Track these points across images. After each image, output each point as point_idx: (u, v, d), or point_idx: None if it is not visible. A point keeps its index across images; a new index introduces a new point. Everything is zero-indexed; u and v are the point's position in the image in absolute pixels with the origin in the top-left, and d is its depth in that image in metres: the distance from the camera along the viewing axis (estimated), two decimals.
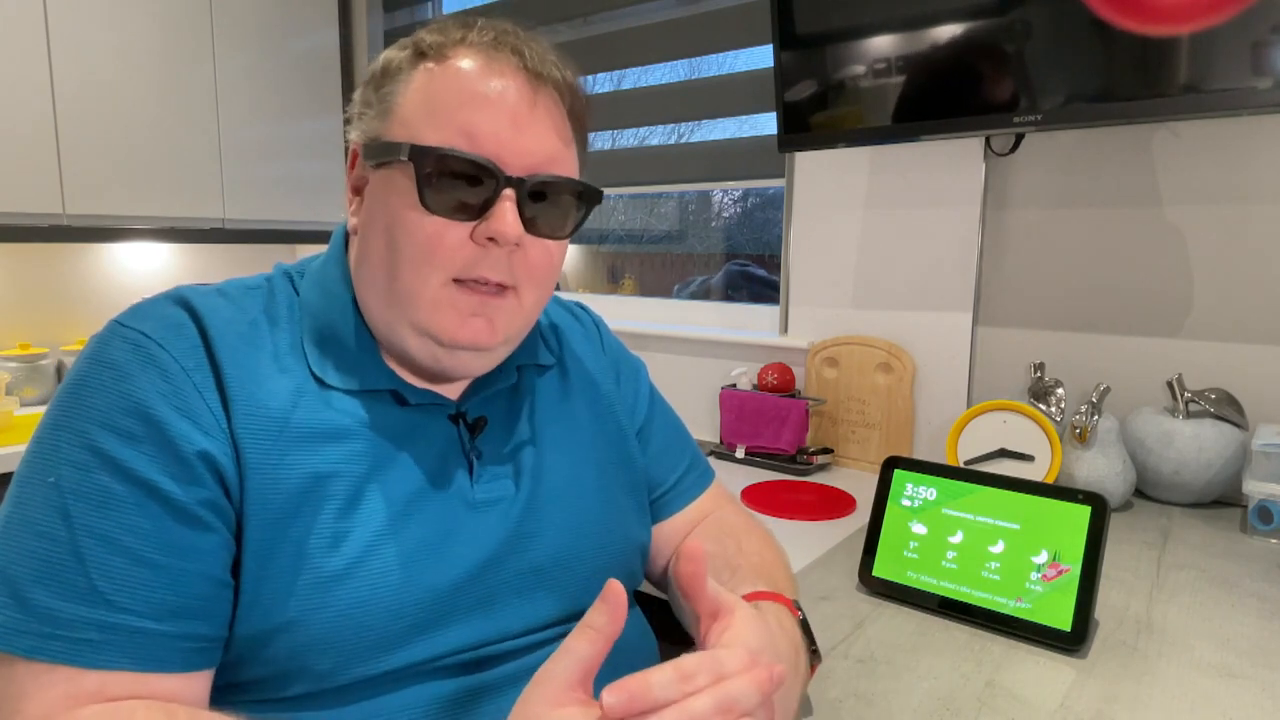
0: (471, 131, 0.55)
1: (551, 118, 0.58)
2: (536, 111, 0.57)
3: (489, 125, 0.55)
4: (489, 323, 0.58)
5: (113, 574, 0.47)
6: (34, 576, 0.47)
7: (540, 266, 0.60)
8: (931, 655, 0.66)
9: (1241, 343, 1.10)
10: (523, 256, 0.58)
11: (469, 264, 0.56)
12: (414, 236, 0.55)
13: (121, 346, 0.52)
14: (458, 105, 0.55)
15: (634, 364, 0.81)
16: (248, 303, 0.59)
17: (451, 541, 0.58)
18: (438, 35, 0.58)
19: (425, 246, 0.55)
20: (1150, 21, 0.93)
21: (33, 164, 1.65)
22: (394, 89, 0.58)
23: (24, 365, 1.86)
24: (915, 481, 0.78)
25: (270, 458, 0.53)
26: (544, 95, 0.57)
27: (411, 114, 0.56)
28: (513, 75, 0.56)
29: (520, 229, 0.56)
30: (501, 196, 0.55)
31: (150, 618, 0.48)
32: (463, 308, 0.57)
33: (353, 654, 0.53)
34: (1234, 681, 0.62)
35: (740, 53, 1.63)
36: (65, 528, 0.47)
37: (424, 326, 0.57)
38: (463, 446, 0.62)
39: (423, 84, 0.57)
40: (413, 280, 0.56)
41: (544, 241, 0.59)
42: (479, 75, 0.56)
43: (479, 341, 0.58)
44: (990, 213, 1.28)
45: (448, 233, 0.55)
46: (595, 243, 2.19)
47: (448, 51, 0.57)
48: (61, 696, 0.45)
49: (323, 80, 2.16)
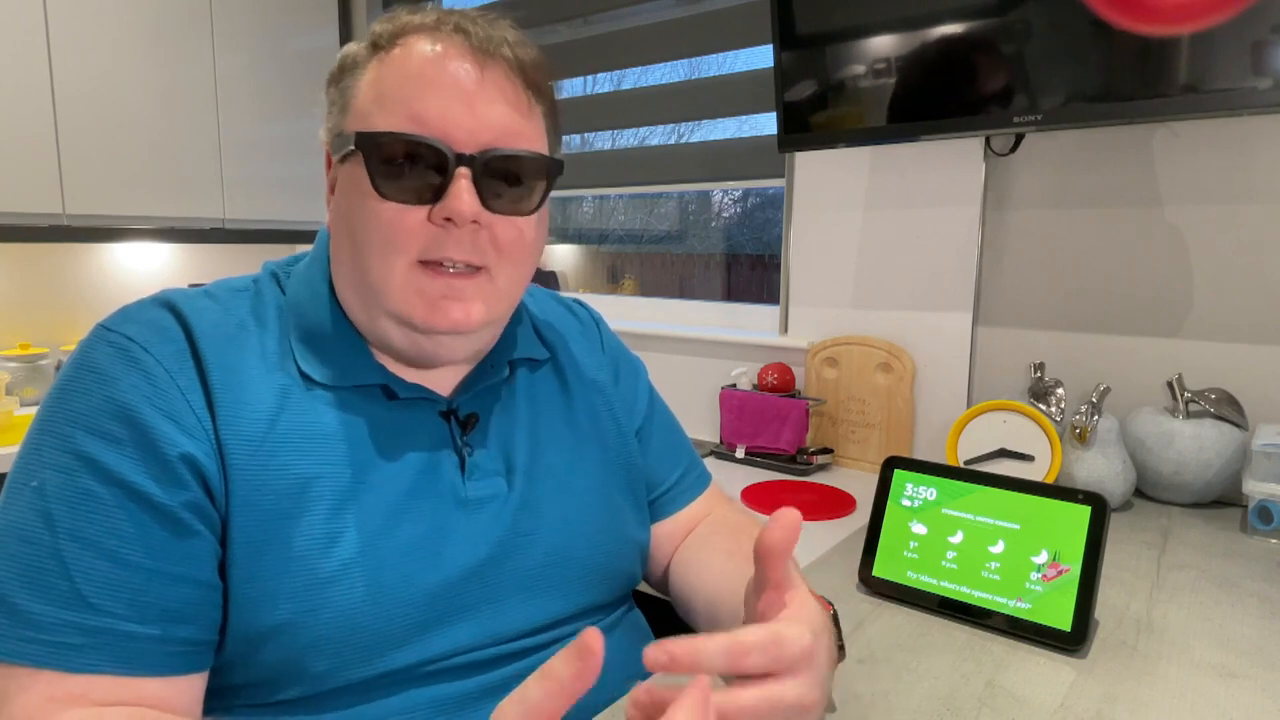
0: (420, 114, 0.55)
1: (503, 92, 0.57)
2: (485, 88, 0.56)
3: (436, 106, 0.55)
4: (462, 304, 0.57)
5: (96, 577, 0.47)
6: (18, 581, 0.46)
7: (511, 244, 0.58)
8: (931, 655, 0.66)
9: (1241, 343, 1.10)
10: (490, 235, 0.57)
11: (430, 245, 0.56)
12: (372, 224, 0.55)
13: (105, 350, 0.52)
14: (405, 90, 0.55)
15: (633, 363, 0.81)
16: (235, 304, 0.59)
17: (444, 541, 0.57)
18: (388, 24, 0.58)
19: (385, 232, 0.55)
20: (1150, 21, 0.93)
21: (33, 164, 1.65)
22: (351, 83, 0.58)
23: (24, 365, 1.86)
24: (915, 481, 0.78)
25: (257, 459, 0.53)
26: (493, 70, 0.57)
27: (364, 105, 0.57)
28: (459, 54, 0.56)
29: (477, 206, 0.55)
30: (456, 175, 0.55)
31: (134, 621, 0.47)
32: (431, 292, 0.56)
33: (348, 656, 0.52)
34: (1234, 681, 0.62)
35: (740, 53, 1.63)
36: (48, 532, 0.47)
37: (398, 313, 0.57)
38: (454, 443, 0.61)
39: (374, 75, 0.57)
40: (379, 268, 0.56)
41: (511, 219, 0.58)
42: (425, 59, 0.56)
43: (455, 324, 0.57)
44: (990, 213, 1.28)
45: (405, 217, 0.55)
46: (595, 243, 2.19)
47: (397, 39, 0.57)
48: (44, 700, 0.45)
49: (323, 80, 2.16)
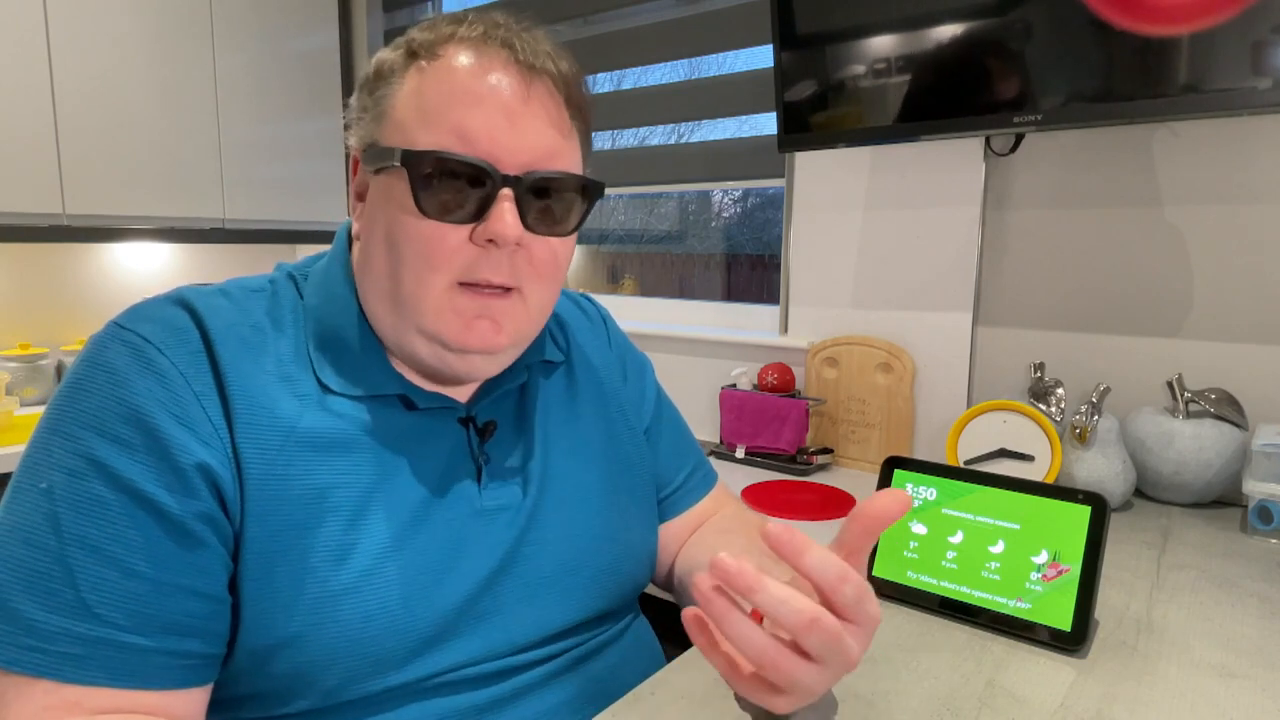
0: (465, 131, 0.53)
1: (547, 111, 0.56)
2: (531, 105, 0.55)
3: (482, 124, 0.53)
4: (495, 324, 0.56)
5: (101, 586, 0.46)
6: (21, 586, 0.45)
7: (545, 264, 0.58)
8: (931, 655, 0.66)
9: (1241, 343, 1.10)
10: (526, 255, 0.57)
11: (470, 266, 0.55)
12: (413, 241, 0.54)
13: (119, 350, 0.50)
14: (449, 105, 0.54)
15: (640, 361, 0.80)
16: (251, 305, 0.58)
17: (460, 553, 0.57)
18: (428, 33, 0.57)
19: (425, 251, 0.54)
20: (1150, 21, 0.93)
21: (33, 164, 1.65)
22: (387, 92, 0.56)
23: (24, 365, 1.86)
24: (915, 481, 0.78)
25: (274, 469, 0.51)
26: (538, 88, 0.56)
27: (405, 117, 0.55)
28: (504, 69, 0.55)
29: (520, 229, 0.54)
30: (499, 197, 0.54)
31: (138, 633, 0.46)
32: (467, 311, 0.55)
33: (359, 670, 0.52)
34: (1234, 681, 0.62)
35: (740, 53, 1.63)
36: (55, 537, 0.46)
37: (430, 331, 0.56)
38: (471, 451, 0.61)
39: (415, 85, 0.55)
40: (415, 286, 0.55)
41: (547, 239, 0.57)
42: (470, 72, 0.54)
43: (487, 344, 0.56)
44: (990, 213, 1.28)
45: (447, 236, 0.54)
46: (595, 243, 2.19)
47: (438, 49, 0.55)
48: (40, 709, 0.44)
49: (323, 80, 2.16)
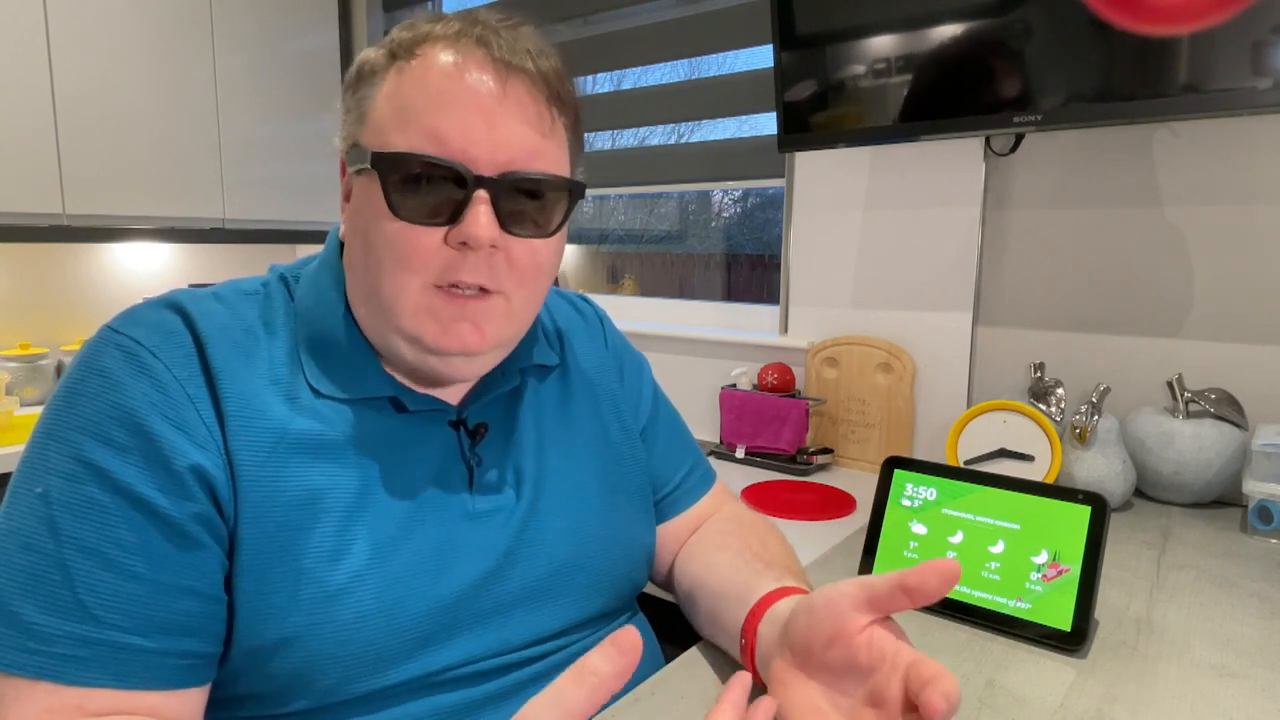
0: (439, 132, 0.52)
1: (525, 109, 0.54)
2: (507, 104, 0.54)
3: (457, 124, 0.52)
4: (475, 327, 0.56)
5: (99, 588, 0.46)
6: (21, 590, 0.46)
7: (525, 266, 0.57)
8: (931, 655, 0.66)
9: (1241, 343, 1.10)
10: (505, 257, 0.55)
11: (446, 269, 0.54)
12: (388, 244, 0.54)
13: (113, 354, 0.51)
14: (424, 106, 0.53)
15: (637, 361, 0.80)
16: (244, 308, 0.58)
17: (453, 554, 0.57)
18: (407, 33, 0.56)
19: (399, 253, 0.54)
20: (1150, 21, 0.93)
21: (33, 164, 1.65)
22: (369, 93, 0.56)
23: (24, 365, 1.86)
24: (915, 481, 0.78)
25: (266, 470, 0.52)
26: (515, 86, 0.54)
27: (382, 118, 0.55)
28: (480, 67, 0.53)
29: (495, 231, 0.53)
30: (474, 199, 0.53)
31: (137, 633, 0.47)
32: (444, 314, 0.55)
33: (356, 669, 0.52)
34: (1234, 681, 0.62)
35: (740, 53, 1.63)
36: (52, 540, 0.46)
37: (409, 333, 0.56)
38: (462, 453, 0.61)
39: (393, 86, 0.55)
40: (392, 288, 0.54)
41: (527, 241, 0.56)
42: (444, 72, 0.53)
43: (467, 347, 0.56)
44: (990, 213, 1.28)
45: (421, 238, 0.53)
46: (595, 243, 2.19)
47: (415, 49, 0.55)
48: (41, 710, 0.45)
49: (323, 80, 2.16)
